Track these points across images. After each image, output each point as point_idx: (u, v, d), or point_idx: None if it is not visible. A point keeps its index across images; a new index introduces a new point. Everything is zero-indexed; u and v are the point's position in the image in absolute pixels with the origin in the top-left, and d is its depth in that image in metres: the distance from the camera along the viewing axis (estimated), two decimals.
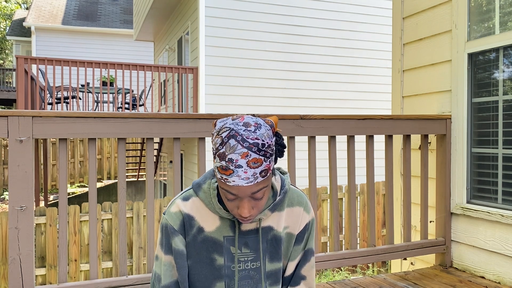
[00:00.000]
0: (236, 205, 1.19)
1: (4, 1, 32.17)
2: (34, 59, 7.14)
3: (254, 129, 1.14)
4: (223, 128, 1.15)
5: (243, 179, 1.12)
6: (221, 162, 1.13)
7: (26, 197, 1.94)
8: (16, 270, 1.93)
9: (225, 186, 1.16)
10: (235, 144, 1.12)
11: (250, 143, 1.12)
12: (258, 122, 1.17)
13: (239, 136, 1.12)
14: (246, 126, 1.15)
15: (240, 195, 1.16)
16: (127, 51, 17.49)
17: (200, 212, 1.31)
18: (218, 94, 7.40)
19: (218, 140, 1.15)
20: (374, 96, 8.33)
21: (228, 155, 1.12)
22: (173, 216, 1.31)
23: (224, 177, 1.14)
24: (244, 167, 1.12)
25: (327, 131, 2.51)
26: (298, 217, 1.38)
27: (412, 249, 2.74)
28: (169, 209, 1.33)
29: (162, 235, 1.33)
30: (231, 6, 7.47)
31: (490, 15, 2.64)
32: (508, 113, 2.54)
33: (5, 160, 12.73)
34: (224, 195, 1.19)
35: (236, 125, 1.15)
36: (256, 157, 1.12)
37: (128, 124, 2.10)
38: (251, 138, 1.13)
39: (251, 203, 1.19)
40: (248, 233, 1.32)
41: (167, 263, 1.32)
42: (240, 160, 1.11)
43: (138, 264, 5.36)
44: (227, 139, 1.13)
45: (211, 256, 1.31)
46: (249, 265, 1.33)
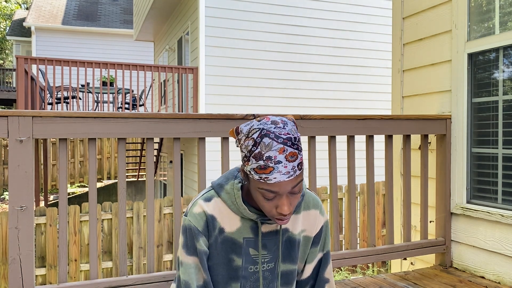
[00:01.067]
0: (275, 205, 1.19)
1: (4, 1, 32.17)
2: (34, 59, 7.14)
3: (283, 126, 1.17)
4: (252, 130, 1.17)
5: (284, 174, 1.14)
6: (258, 162, 1.14)
7: (26, 197, 1.94)
8: (16, 270, 1.93)
9: (265, 186, 1.16)
10: (270, 142, 1.14)
11: (284, 138, 1.15)
12: (283, 120, 1.20)
13: (271, 133, 1.15)
14: (274, 124, 1.17)
15: (281, 191, 1.16)
16: (127, 51, 17.49)
17: (222, 213, 1.30)
18: (218, 94, 7.40)
19: (249, 142, 1.17)
20: (374, 96, 8.33)
21: (266, 153, 1.13)
22: (197, 217, 1.29)
23: (264, 176, 1.14)
24: (283, 162, 1.13)
25: (327, 131, 2.51)
26: (315, 220, 1.39)
27: (412, 249, 2.74)
28: (191, 210, 1.31)
29: (186, 237, 1.29)
30: (231, 6, 7.47)
31: (490, 15, 2.64)
32: (508, 113, 2.55)
33: (5, 160, 12.73)
34: (263, 195, 1.18)
35: (264, 125, 1.17)
36: (292, 150, 1.15)
37: (128, 124, 2.10)
38: (283, 133, 1.15)
39: (290, 199, 1.19)
40: (267, 235, 1.33)
41: (194, 265, 1.29)
42: (279, 156, 1.13)
43: (138, 264, 5.36)
44: (260, 138, 1.15)
45: (229, 257, 1.31)
46: (265, 266, 1.34)
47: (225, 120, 2.26)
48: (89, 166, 2.14)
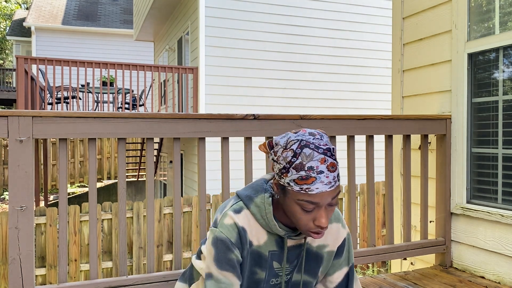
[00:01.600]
0: (312, 217, 1.18)
1: (4, 1, 32.17)
2: (34, 59, 7.14)
3: (320, 137, 1.18)
4: (290, 142, 1.18)
5: (326, 184, 1.14)
6: (299, 172, 1.14)
7: (26, 197, 1.94)
8: (16, 270, 1.93)
9: (305, 197, 1.14)
10: (311, 152, 1.14)
11: (324, 148, 1.15)
12: (318, 132, 1.21)
13: (311, 144, 1.15)
14: (312, 135, 1.18)
15: (322, 202, 1.15)
16: (127, 51, 17.49)
17: (251, 225, 1.29)
18: (218, 94, 7.40)
19: (288, 153, 1.16)
20: (374, 96, 8.33)
21: (307, 164, 1.13)
22: (229, 228, 1.26)
23: (306, 187, 1.13)
24: (325, 172, 1.14)
25: (327, 131, 2.51)
26: (338, 233, 1.40)
27: (412, 249, 2.74)
28: (222, 221, 1.28)
29: (218, 249, 1.25)
30: (231, 6, 7.47)
31: (490, 15, 2.64)
32: (508, 113, 2.55)
33: (5, 160, 12.73)
34: (302, 207, 1.16)
35: (303, 136, 1.18)
36: (332, 161, 1.16)
37: (128, 124, 2.10)
38: (322, 144, 1.16)
39: (328, 212, 1.18)
40: (290, 249, 1.33)
41: (226, 281, 1.25)
42: (320, 166, 1.13)
43: (138, 264, 5.36)
44: (300, 149, 1.15)
45: (252, 269, 1.30)
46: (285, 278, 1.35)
47: (225, 120, 2.26)
48: (89, 166, 2.14)
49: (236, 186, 4.50)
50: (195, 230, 5.60)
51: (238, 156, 5.24)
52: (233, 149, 4.96)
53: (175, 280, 2.18)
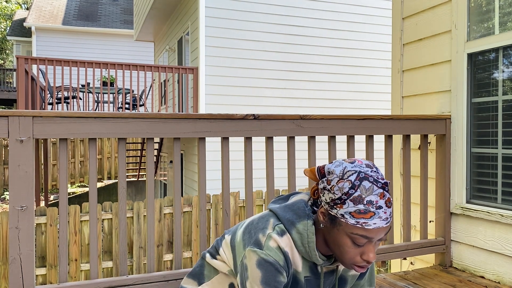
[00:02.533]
0: (360, 252, 1.16)
1: (5, 1, 32.18)
2: (35, 59, 7.14)
3: (376, 170, 1.17)
4: (347, 172, 1.15)
5: (384, 220, 1.12)
6: (358, 206, 1.11)
7: (27, 197, 1.94)
8: (17, 269, 1.93)
9: (360, 231, 1.12)
10: (370, 186, 1.12)
11: (382, 183, 1.14)
12: (374, 164, 1.20)
13: (370, 177, 1.13)
14: (369, 168, 1.16)
15: (375, 238, 1.13)
16: (127, 51, 17.50)
17: (292, 250, 1.26)
18: (218, 94, 7.40)
19: (346, 184, 1.13)
20: (374, 96, 8.33)
21: (366, 198, 1.11)
22: (276, 251, 1.22)
23: (363, 221, 1.11)
24: (384, 208, 1.12)
25: (327, 131, 2.51)
26: None
27: (411, 249, 2.74)
28: (267, 243, 1.23)
29: (266, 272, 1.20)
30: (231, 6, 7.47)
31: (489, 15, 2.65)
32: (508, 113, 2.55)
33: (5, 160, 12.74)
34: (354, 241, 1.14)
35: (361, 168, 1.15)
36: (389, 196, 1.14)
37: (128, 124, 2.10)
38: (380, 178, 1.14)
39: (376, 246, 1.17)
40: (324, 275, 1.32)
41: None
42: (380, 201, 1.12)
43: (139, 263, 5.37)
44: (359, 181, 1.12)
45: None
46: None
47: (225, 120, 2.26)
48: (89, 166, 2.15)
49: (236, 186, 4.50)
50: (195, 230, 5.60)
51: (238, 156, 5.24)
52: (233, 149, 4.96)
53: (175, 280, 2.18)
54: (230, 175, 2.32)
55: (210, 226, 5.67)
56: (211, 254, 1.46)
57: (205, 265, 1.47)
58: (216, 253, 1.44)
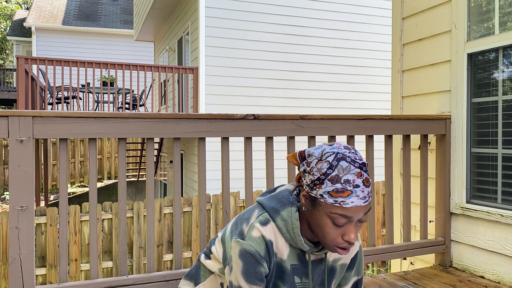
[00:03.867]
0: (341, 232, 1.17)
1: (5, 1, 32.18)
2: (35, 59, 7.14)
3: (355, 152, 1.19)
4: (325, 153, 1.17)
5: (361, 198, 1.13)
6: (335, 185, 1.13)
7: (27, 197, 1.94)
8: (17, 269, 1.93)
9: (339, 210, 1.14)
10: (347, 165, 1.14)
11: (359, 163, 1.16)
12: (352, 147, 1.22)
13: (348, 158, 1.15)
14: (348, 149, 1.18)
15: (354, 217, 1.15)
16: (127, 51, 17.50)
17: (276, 238, 1.28)
18: (218, 94, 7.40)
19: (324, 165, 1.16)
20: (374, 96, 8.33)
21: (344, 177, 1.13)
22: (258, 241, 1.24)
23: (340, 200, 1.13)
24: (361, 186, 1.14)
25: (327, 131, 2.51)
26: (352, 247, 1.40)
27: (411, 249, 2.74)
28: (250, 233, 1.26)
29: (247, 263, 1.23)
30: (231, 6, 7.47)
31: (489, 15, 2.65)
32: (508, 113, 2.55)
33: (5, 160, 12.74)
34: (333, 220, 1.16)
35: (339, 149, 1.18)
36: (367, 176, 1.16)
37: (128, 124, 2.10)
38: (358, 159, 1.16)
39: (357, 227, 1.18)
40: (312, 264, 1.33)
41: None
42: (357, 179, 1.13)
43: (139, 263, 5.37)
44: (337, 162, 1.15)
45: (275, 282, 1.30)
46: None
47: (225, 120, 2.27)
48: (89, 166, 2.15)
49: (236, 186, 4.50)
50: (195, 230, 5.60)
51: (238, 156, 5.24)
52: (233, 149, 4.96)
53: (175, 280, 2.19)
54: (230, 175, 2.32)
55: (210, 226, 5.67)
56: (206, 254, 1.48)
57: (200, 266, 1.49)
58: (210, 252, 1.46)
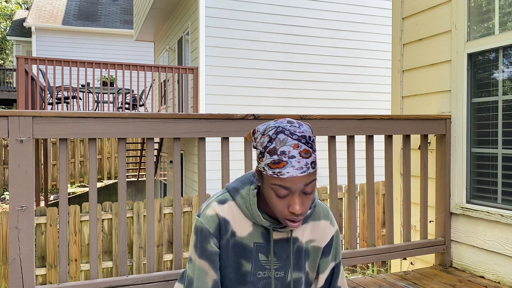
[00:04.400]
0: (287, 204, 1.19)
1: (5, 1, 32.18)
2: (35, 59, 7.14)
3: (298, 125, 1.21)
4: (268, 128, 1.21)
5: (297, 169, 1.15)
6: (273, 156, 1.17)
7: (27, 197, 1.94)
8: (17, 270, 1.93)
9: (277, 181, 1.17)
10: (285, 138, 1.17)
11: (298, 135, 1.18)
12: (298, 121, 1.25)
13: (286, 131, 1.18)
14: (290, 123, 1.22)
15: (293, 188, 1.17)
16: (127, 51, 17.50)
17: (235, 216, 1.31)
18: (218, 94, 7.40)
19: (265, 139, 1.20)
20: (374, 96, 8.33)
21: (280, 148, 1.16)
22: (209, 219, 1.30)
23: (277, 171, 1.16)
24: (297, 157, 1.16)
25: (327, 131, 2.51)
26: (324, 230, 1.40)
27: (411, 249, 2.74)
28: (204, 211, 1.32)
29: (197, 238, 1.31)
30: (231, 6, 7.47)
31: (489, 15, 2.65)
32: (508, 113, 2.55)
33: (5, 160, 12.74)
34: (275, 192, 1.19)
35: (281, 123, 1.21)
36: (305, 147, 1.17)
37: (128, 124, 2.10)
38: (298, 131, 1.19)
39: (302, 199, 1.19)
40: (277, 242, 1.33)
41: (200, 268, 1.30)
42: (293, 151, 1.16)
43: (138, 264, 5.37)
44: (276, 135, 1.18)
45: (239, 261, 1.32)
46: (274, 274, 1.34)
47: (225, 120, 2.27)
48: (89, 166, 2.15)
49: None
50: None
51: (238, 156, 5.24)
52: (233, 149, 4.96)
53: (175, 280, 2.19)
54: (230, 175, 2.32)
55: None
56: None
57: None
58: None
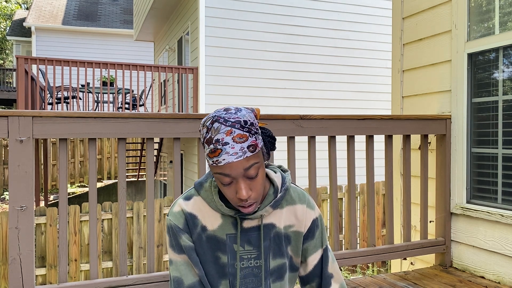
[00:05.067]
0: (234, 190, 1.20)
1: (5, 1, 32.17)
2: (34, 59, 7.14)
3: (234, 112, 1.21)
4: (207, 119, 1.21)
5: (232, 154, 1.15)
6: (210, 146, 1.17)
7: (26, 197, 1.94)
8: (16, 270, 1.93)
9: (218, 169, 1.18)
10: (218, 126, 1.17)
11: (232, 121, 1.18)
12: (238, 107, 1.24)
13: (221, 118, 1.18)
14: (226, 110, 1.21)
15: (233, 174, 1.17)
16: (127, 51, 17.49)
17: (202, 211, 1.33)
18: (218, 94, 7.40)
19: (204, 130, 1.21)
20: (374, 96, 8.33)
21: (214, 137, 1.16)
22: (176, 215, 1.32)
23: (215, 159, 1.16)
24: (230, 143, 1.15)
25: (327, 131, 2.51)
26: (303, 215, 1.39)
27: (412, 249, 2.74)
28: (172, 209, 1.35)
29: (170, 236, 1.33)
30: (231, 6, 7.47)
31: (489, 15, 2.65)
32: (508, 113, 2.55)
33: (5, 160, 12.74)
34: (220, 180, 1.20)
35: (217, 112, 1.21)
36: (240, 132, 1.17)
37: (128, 124, 2.10)
38: (233, 118, 1.18)
39: (247, 184, 1.20)
40: (250, 230, 1.33)
41: (184, 262, 1.32)
42: (226, 137, 1.16)
43: (138, 264, 5.36)
44: (211, 124, 1.18)
45: (215, 254, 1.32)
46: (252, 263, 1.34)
47: None
48: (89, 166, 2.14)
49: None
50: None
51: None
52: None
53: None
54: None
55: None
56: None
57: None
58: None
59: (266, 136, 1.29)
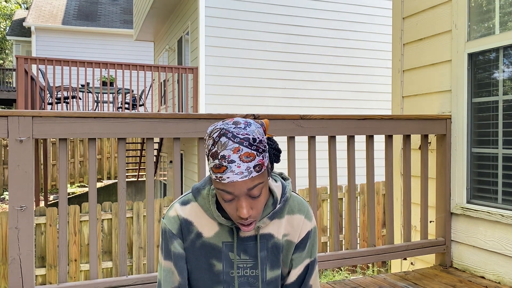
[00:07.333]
0: (235, 207, 1.18)
1: (4, 1, 32.17)
2: (34, 59, 7.14)
3: (244, 126, 1.16)
4: (214, 130, 1.16)
5: (237, 174, 1.12)
6: (215, 161, 1.13)
7: (26, 197, 1.94)
8: (16, 270, 1.93)
9: (220, 186, 1.15)
10: (226, 141, 1.12)
11: (240, 138, 1.13)
12: (248, 121, 1.19)
13: (229, 133, 1.13)
14: (236, 124, 1.16)
15: (236, 192, 1.14)
16: (127, 51, 17.49)
17: (199, 217, 1.30)
18: (218, 94, 7.40)
19: (210, 141, 1.16)
20: (374, 96, 8.33)
21: (220, 153, 1.12)
22: (171, 220, 1.30)
23: (219, 176, 1.13)
24: (237, 162, 1.11)
25: (327, 131, 2.51)
26: (299, 225, 1.36)
27: (412, 249, 2.74)
28: (167, 213, 1.33)
29: (162, 240, 1.32)
30: (231, 6, 7.47)
31: (490, 15, 2.64)
32: (508, 113, 2.54)
33: (5, 160, 12.73)
34: (222, 196, 1.17)
35: (226, 125, 1.16)
36: (248, 151, 1.13)
37: (128, 124, 2.10)
38: (241, 134, 1.14)
39: (249, 202, 1.17)
40: (247, 240, 1.30)
41: (166, 269, 1.31)
42: (233, 155, 1.11)
43: (138, 264, 5.36)
44: (218, 138, 1.13)
45: (210, 262, 1.30)
46: (248, 272, 1.32)
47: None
48: (89, 166, 2.14)
49: None
50: None
51: None
52: None
53: None
54: None
55: None
56: None
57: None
58: None
59: (272, 149, 1.25)
